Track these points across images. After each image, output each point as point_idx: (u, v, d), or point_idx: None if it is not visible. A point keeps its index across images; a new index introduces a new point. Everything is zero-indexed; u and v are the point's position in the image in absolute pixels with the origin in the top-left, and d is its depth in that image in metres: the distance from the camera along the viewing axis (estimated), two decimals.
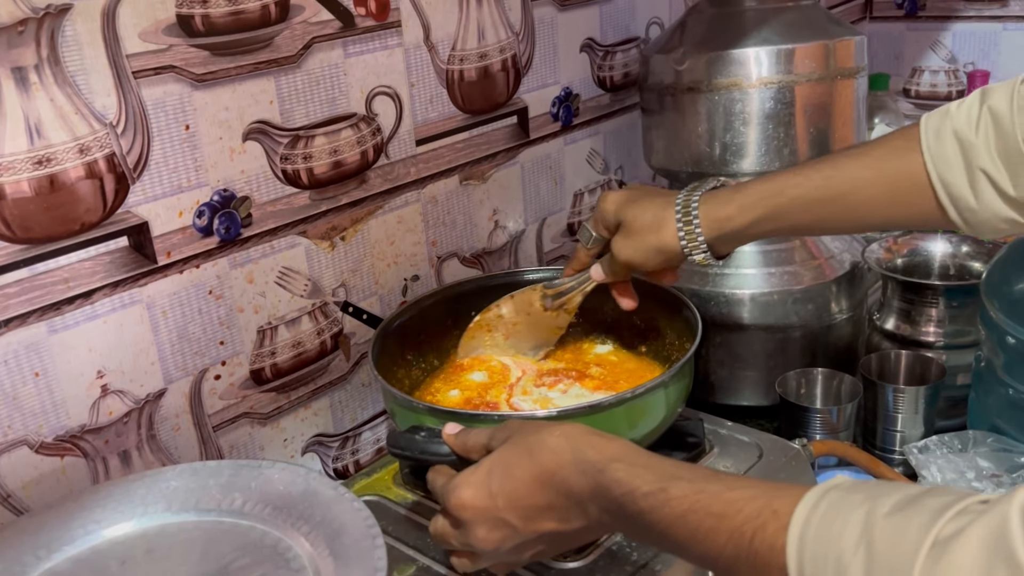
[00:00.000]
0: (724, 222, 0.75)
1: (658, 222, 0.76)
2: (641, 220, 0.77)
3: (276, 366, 0.89)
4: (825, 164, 0.73)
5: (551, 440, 0.59)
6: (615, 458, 0.56)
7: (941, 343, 1.05)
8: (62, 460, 0.75)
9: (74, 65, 0.70)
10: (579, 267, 0.86)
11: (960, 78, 1.64)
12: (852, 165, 0.71)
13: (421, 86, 0.97)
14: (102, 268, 0.75)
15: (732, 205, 0.75)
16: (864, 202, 0.71)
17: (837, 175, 0.71)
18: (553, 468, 0.58)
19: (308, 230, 0.89)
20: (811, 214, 0.73)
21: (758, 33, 1.00)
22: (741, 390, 1.10)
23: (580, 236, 0.85)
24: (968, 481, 0.89)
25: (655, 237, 0.77)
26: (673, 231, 0.76)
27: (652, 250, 0.77)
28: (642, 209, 0.78)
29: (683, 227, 0.75)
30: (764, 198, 0.73)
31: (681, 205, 0.76)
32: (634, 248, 0.78)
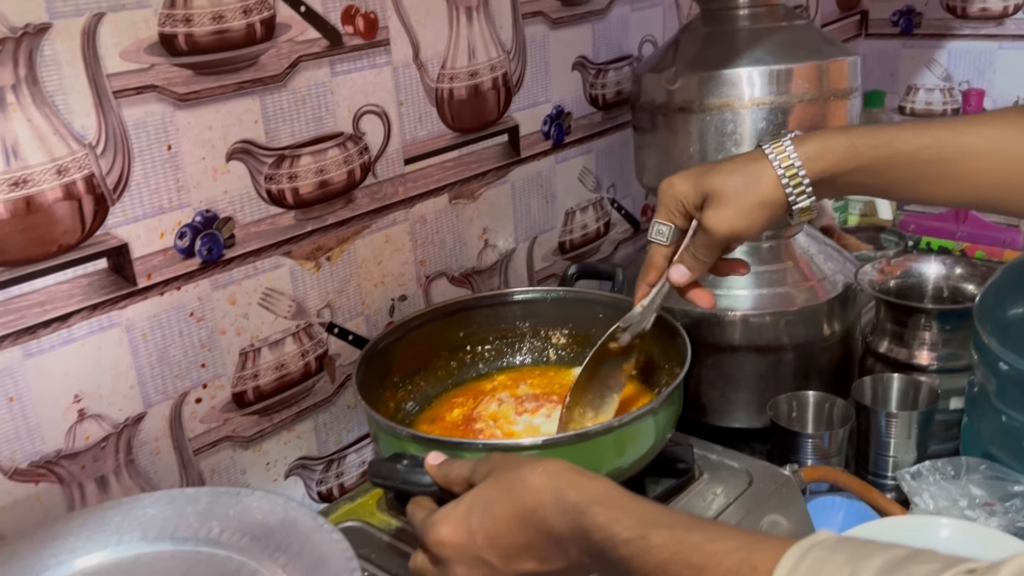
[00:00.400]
0: (827, 163, 0.68)
1: (752, 177, 0.69)
2: (733, 181, 0.69)
3: (259, 388, 0.88)
4: (936, 123, 0.68)
5: (532, 478, 0.58)
6: (596, 500, 0.55)
7: (934, 367, 1.04)
8: (37, 486, 0.73)
9: (53, 85, 0.69)
10: (657, 275, 0.76)
11: (955, 96, 1.63)
12: (968, 131, 0.66)
13: (410, 104, 0.96)
14: (80, 291, 0.73)
15: (836, 145, 0.67)
16: (973, 173, 0.66)
17: (950, 137, 0.66)
18: (534, 507, 0.57)
19: (293, 250, 0.88)
20: (914, 173, 0.67)
21: (751, 53, 0.99)
22: (733, 412, 1.08)
23: (654, 235, 0.74)
24: (961, 509, 0.88)
25: (754, 193, 0.68)
26: (774, 179, 0.68)
27: (755, 207, 0.69)
28: (727, 172, 0.70)
29: (784, 172, 0.68)
30: (871, 146, 0.67)
31: (775, 152, 0.68)
32: (735, 213, 0.69)
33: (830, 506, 0.94)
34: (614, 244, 1.30)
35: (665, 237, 0.74)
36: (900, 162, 0.67)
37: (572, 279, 1.03)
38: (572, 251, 1.23)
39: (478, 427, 0.85)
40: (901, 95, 1.68)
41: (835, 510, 0.94)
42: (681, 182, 0.72)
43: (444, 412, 0.90)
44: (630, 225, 1.33)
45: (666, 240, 0.74)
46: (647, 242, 0.75)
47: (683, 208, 0.72)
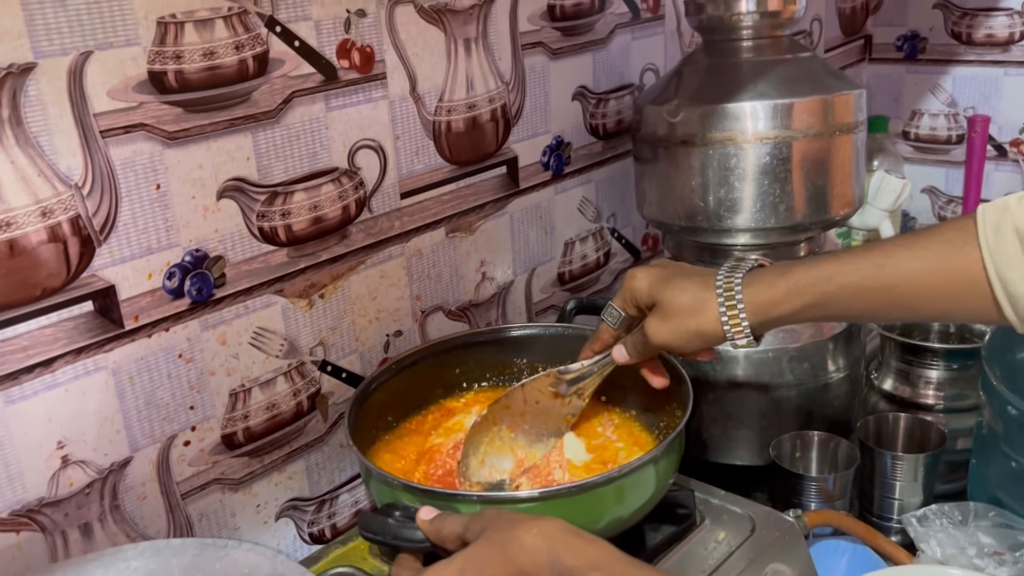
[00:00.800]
0: (769, 307, 0.71)
1: (698, 304, 0.73)
2: (679, 301, 0.73)
3: (249, 430, 0.86)
4: (875, 252, 0.70)
5: (527, 539, 0.57)
6: (593, 565, 0.54)
7: (941, 406, 1.02)
8: (18, 536, 0.71)
9: (37, 126, 0.67)
10: (602, 347, 0.82)
11: (960, 122, 1.61)
12: (904, 255, 0.68)
13: (407, 138, 0.94)
14: (64, 334, 0.71)
15: (778, 290, 0.71)
16: (916, 294, 0.68)
17: (889, 264, 0.68)
18: (528, 569, 0.56)
19: (285, 288, 0.86)
20: (860, 302, 0.70)
21: (754, 86, 0.98)
22: (734, 449, 1.06)
23: (606, 316, 0.81)
24: (969, 558, 0.86)
25: (694, 320, 0.73)
26: (715, 315, 0.72)
27: (692, 334, 0.73)
28: (679, 289, 0.74)
29: (726, 311, 0.72)
30: (812, 284, 0.70)
31: (723, 288, 0.72)
32: (672, 331, 0.74)
33: (834, 551, 0.92)
34: (614, 274, 1.28)
35: (614, 320, 0.80)
36: (844, 294, 0.70)
37: (571, 315, 1.01)
38: (571, 282, 1.21)
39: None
40: (905, 120, 1.67)
41: (839, 555, 0.92)
42: (642, 279, 0.76)
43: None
44: (631, 255, 1.31)
45: (615, 324, 0.80)
46: (601, 319, 0.81)
47: (636, 302, 0.77)
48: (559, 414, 0.85)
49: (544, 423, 0.85)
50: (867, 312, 0.73)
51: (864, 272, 0.69)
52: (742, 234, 1.00)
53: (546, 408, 0.85)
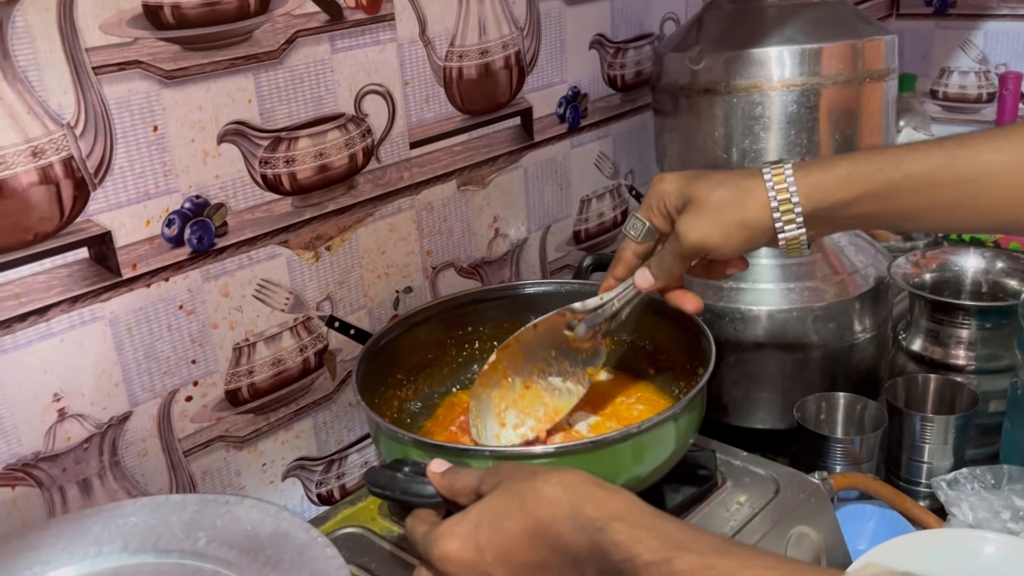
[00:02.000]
0: (826, 191, 0.62)
1: (742, 193, 0.63)
2: (719, 193, 0.64)
3: (254, 386, 0.83)
4: (951, 142, 0.61)
5: (547, 490, 0.53)
6: (616, 516, 0.50)
7: (972, 367, 0.98)
8: (13, 491, 0.69)
9: (26, 60, 0.63)
10: (625, 272, 0.71)
11: (991, 80, 1.56)
12: (985, 148, 0.60)
13: (416, 84, 0.90)
14: (59, 282, 0.68)
15: (835, 173, 0.62)
16: (993, 192, 0.60)
17: (966, 155, 0.60)
18: (548, 521, 0.52)
19: (290, 239, 0.83)
20: (929, 197, 0.61)
21: (781, 31, 0.93)
22: (756, 412, 1.03)
23: (628, 229, 0.69)
24: (1003, 522, 0.82)
25: (738, 210, 0.63)
26: (763, 200, 0.62)
27: (735, 225, 0.63)
28: (717, 182, 0.64)
29: (776, 194, 0.62)
30: (876, 170, 0.61)
31: (771, 172, 0.63)
32: (711, 224, 0.64)
33: (860, 515, 0.88)
34: None
35: (638, 233, 0.70)
36: (911, 186, 0.61)
37: (587, 271, 0.97)
38: (587, 241, 1.17)
39: None
40: (934, 78, 1.61)
41: (866, 519, 0.88)
42: (670, 180, 0.67)
43: (449, 413, 0.85)
44: None
45: (638, 236, 0.70)
46: (621, 234, 0.70)
47: (664, 208, 0.68)
48: (580, 364, 0.76)
49: (564, 376, 0.78)
50: (934, 210, 0.63)
51: (937, 161, 0.61)
52: None
53: (564, 358, 0.77)
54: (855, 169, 0.62)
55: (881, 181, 0.62)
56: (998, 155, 0.60)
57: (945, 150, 0.61)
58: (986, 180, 0.60)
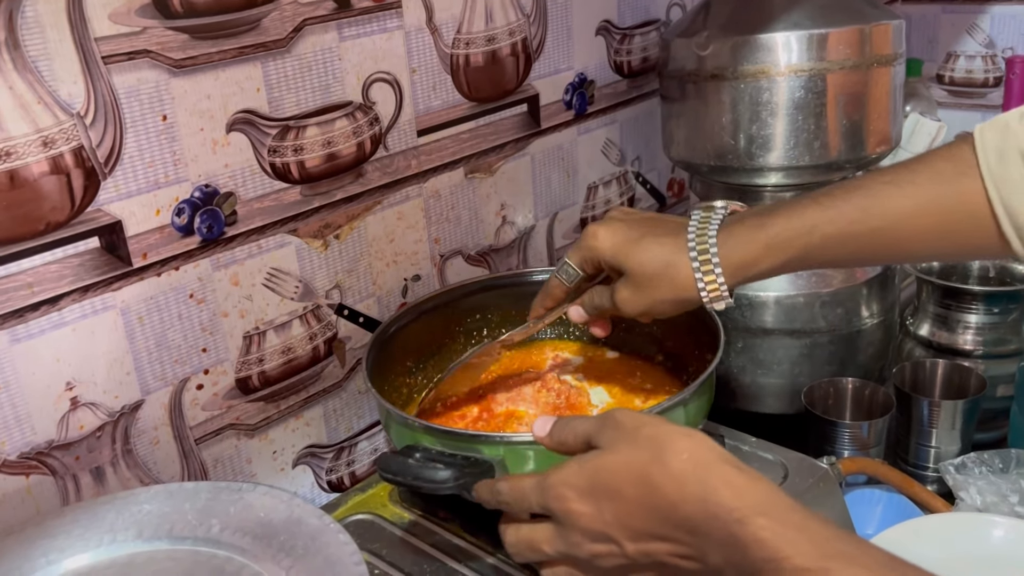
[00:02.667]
0: (748, 266, 0.66)
1: (671, 270, 0.66)
2: (650, 268, 0.67)
3: (264, 374, 0.83)
4: (858, 192, 0.64)
5: (675, 463, 0.49)
6: (760, 510, 0.46)
7: (980, 352, 0.98)
8: (27, 479, 0.69)
9: (36, 49, 0.63)
10: (554, 304, 0.76)
11: (998, 64, 1.55)
12: (892, 194, 0.62)
13: (423, 72, 0.90)
14: (70, 271, 0.68)
15: (756, 246, 0.65)
16: (908, 236, 0.62)
17: (875, 206, 0.62)
18: (676, 501, 0.48)
19: (299, 228, 0.83)
20: (847, 250, 0.64)
21: (788, 16, 0.93)
22: (764, 397, 1.03)
23: (560, 273, 0.74)
24: (1011, 506, 0.83)
25: (669, 288, 0.67)
26: (690, 281, 0.66)
27: (667, 303, 0.68)
28: (649, 255, 0.67)
29: (703, 276, 0.66)
30: (794, 237, 0.64)
31: (697, 251, 0.66)
32: (647, 302, 0.68)
33: (868, 500, 0.89)
34: None
35: (569, 279, 0.74)
36: (829, 244, 0.64)
37: None
38: None
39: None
40: (940, 63, 1.60)
41: (874, 504, 0.89)
42: (605, 239, 0.69)
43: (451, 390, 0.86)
44: (656, 200, 1.27)
45: (569, 282, 0.74)
46: (553, 274, 0.75)
47: (597, 264, 0.71)
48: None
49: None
50: (854, 259, 0.68)
51: (849, 217, 0.63)
52: (774, 173, 0.96)
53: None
54: (775, 240, 0.64)
55: (800, 247, 0.64)
56: (906, 201, 0.61)
57: (853, 203, 0.63)
58: (897, 227, 0.62)
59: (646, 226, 0.69)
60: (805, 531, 0.45)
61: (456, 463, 0.63)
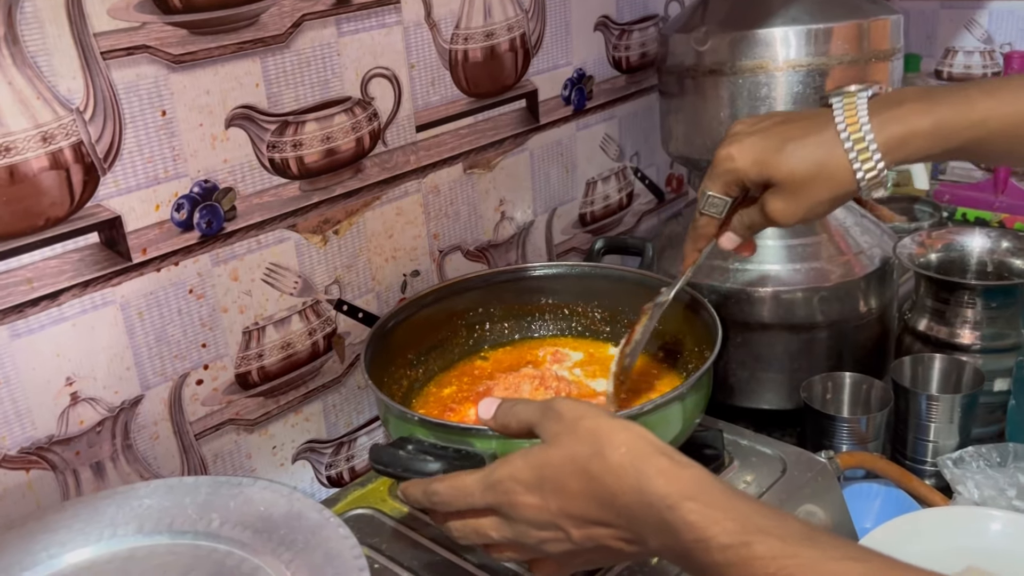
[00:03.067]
0: (909, 147, 0.63)
1: (826, 169, 0.64)
2: (803, 172, 0.64)
3: (264, 369, 0.83)
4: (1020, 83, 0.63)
5: (614, 457, 0.51)
6: (688, 495, 0.48)
7: (978, 346, 0.98)
8: (28, 474, 0.69)
9: (35, 45, 0.63)
10: (705, 243, 0.73)
11: (996, 60, 1.55)
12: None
13: (422, 68, 0.90)
14: (70, 267, 0.69)
15: (920, 127, 0.62)
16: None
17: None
18: (615, 491, 0.50)
19: (298, 223, 0.83)
20: (1007, 145, 0.63)
21: (786, 11, 0.93)
22: (762, 393, 1.03)
23: (707, 208, 0.70)
24: (1009, 499, 0.83)
25: (826, 187, 0.64)
26: (847, 173, 0.63)
27: (824, 203, 0.65)
28: (798, 159, 0.64)
29: (861, 166, 0.63)
30: (964, 127, 0.62)
31: (852, 140, 0.63)
32: (805, 206, 0.65)
33: (866, 494, 0.89)
34: (637, 216, 1.24)
35: (720, 211, 0.70)
36: (999, 141, 0.62)
37: (599, 254, 0.97)
38: (593, 223, 1.17)
39: None
40: (938, 59, 1.60)
41: (872, 498, 0.89)
42: (742, 156, 0.66)
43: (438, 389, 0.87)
44: (654, 196, 1.27)
45: (720, 213, 0.70)
46: (697, 212, 0.71)
47: (741, 184, 0.68)
48: None
49: None
50: (1013, 155, 0.65)
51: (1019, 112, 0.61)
52: None
53: None
54: (938, 127, 0.62)
55: (969, 139, 0.62)
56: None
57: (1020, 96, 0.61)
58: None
59: (782, 131, 0.67)
60: (730, 511, 0.47)
61: (447, 455, 0.64)
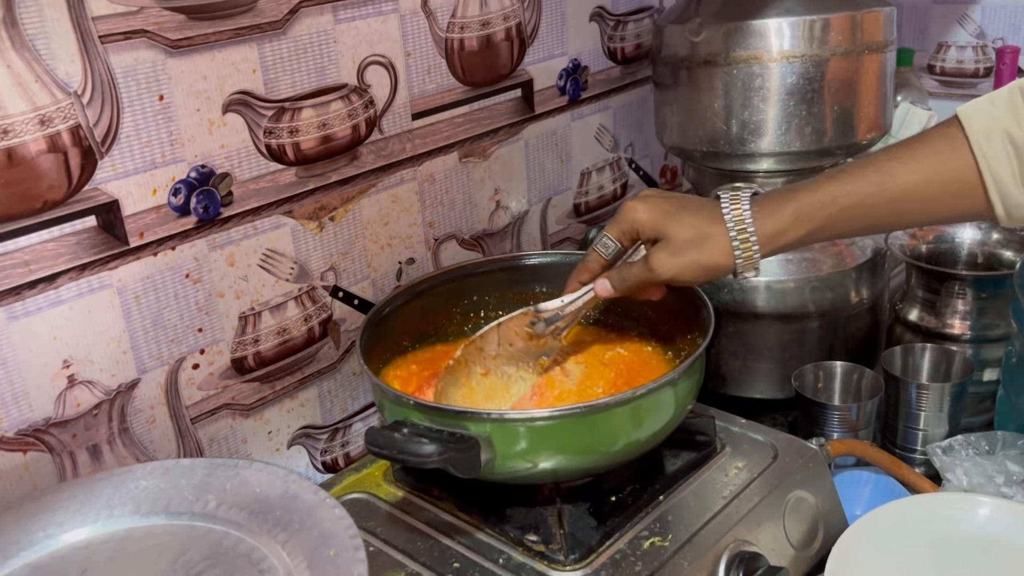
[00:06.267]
0: (778, 236, 0.72)
1: (707, 238, 0.72)
2: (688, 235, 0.73)
3: (260, 354, 0.84)
4: (871, 168, 0.71)
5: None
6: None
7: (968, 336, 0.99)
8: (25, 456, 0.70)
9: (33, 28, 0.64)
10: (590, 278, 0.79)
11: (988, 54, 1.56)
12: (900, 170, 0.70)
13: (418, 56, 0.91)
14: (67, 250, 0.69)
15: (784, 217, 0.71)
16: (917, 205, 0.71)
17: (888, 181, 0.70)
18: None
19: (294, 210, 0.84)
20: (865, 219, 0.72)
21: (780, 3, 0.93)
22: (754, 382, 1.04)
23: (599, 246, 0.78)
24: (997, 486, 0.84)
25: (706, 254, 0.72)
26: (726, 248, 0.72)
27: (701, 268, 0.73)
28: (687, 224, 0.73)
29: (739, 244, 0.72)
30: (817, 209, 0.71)
31: (734, 221, 0.72)
32: (682, 265, 0.73)
33: (857, 481, 0.90)
34: None
35: (608, 252, 0.78)
36: (849, 215, 0.71)
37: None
38: (587, 213, 1.18)
39: None
40: (931, 53, 1.61)
41: (862, 485, 0.90)
42: (644, 211, 0.74)
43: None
44: (648, 187, 1.28)
45: (608, 255, 0.78)
46: (591, 248, 0.78)
47: (635, 235, 0.76)
48: (533, 356, 0.81)
49: (517, 365, 0.81)
50: (870, 227, 0.76)
51: (866, 191, 0.71)
52: (766, 159, 0.97)
53: (520, 350, 0.80)
54: (801, 211, 0.72)
55: (823, 218, 0.71)
56: (912, 175, 0.70)
57: (869, 179, 0.71)
58: (908, 197, 0.70)
59: (681, 202, 0.76)
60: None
61: (442, 438, 0.64)
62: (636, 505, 0.75)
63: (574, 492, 0.76)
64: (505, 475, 0.70)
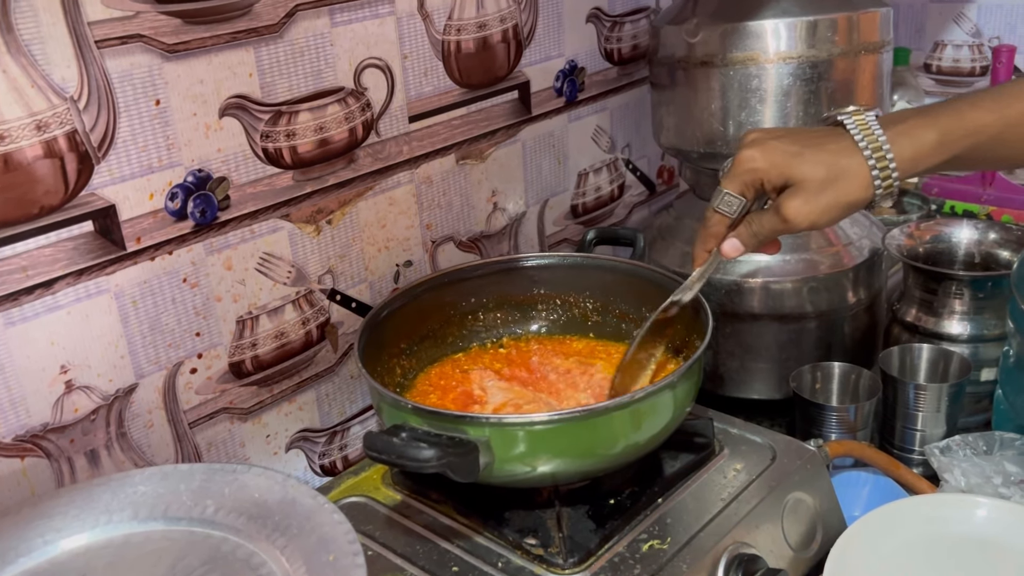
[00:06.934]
0: (919, 162, 0.67)
1: (843, 173, 0.67)
2: (823, 174, 0.67)
3: (257, 358, 0.84)
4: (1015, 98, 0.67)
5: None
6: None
7: (965, 336, 0.99)
8: (23, 461, 0.70)
9: (29, 33, 0.64)
10: (715, 244, 0.73)
11: (985, 53, 1.56)
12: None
13: (415, 58, 0.90)
14: (64, 255, 0.69)
15: (926, 143, 0.67)
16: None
17: None
18: None
19: (291, 213, 0.83)
20: (999, 150, 0.68)
21: (777, 3, 0.93)
22: (752, 383, 1.04)
23: (721, 206, 0.71)
24: (995, 487, 0.84)
25: (843, 193, 0.67)
26: (865, 180, 0.67)
27: (840, 207, 0.68)
28: (817, 161, 0.67)
29: (879, 174, 0.66)
30: (963, 136, 0.67)
31: (871, 149, 0.67)
32: (821, 209, 0.67)
33: (855, 482, 0.90)
34: (628, 207, 1.25)
35: (733, 211, 0.71)
36: (995, 145, 0.67)
37: (591, 245, 0.98)
38: (585, 215, 1.18)
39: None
40: (927, 52, 1.61)
41: (860, 486, 0.90)
42: (763, 158, 0.68)
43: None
44: (645, 188, 1.28)
45: (733, 213, 0.71)
46: (711, 209, 0.71)
47: (759, 185, 0.70)
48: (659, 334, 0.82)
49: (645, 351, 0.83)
50: (1006, 160, 0.72)
51: (1012, 121, 0.66)
52: None
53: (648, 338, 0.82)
54: (945, 137, 0.67)
55: (968, 146, 0.67)
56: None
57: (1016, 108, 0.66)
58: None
59: (799, 137, 0.70)
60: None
61: (441, 443, 0.64)
62: (635, 508, 0.75)
63: (573, 495, 0.76)
64: (504, 479, 0.70)
